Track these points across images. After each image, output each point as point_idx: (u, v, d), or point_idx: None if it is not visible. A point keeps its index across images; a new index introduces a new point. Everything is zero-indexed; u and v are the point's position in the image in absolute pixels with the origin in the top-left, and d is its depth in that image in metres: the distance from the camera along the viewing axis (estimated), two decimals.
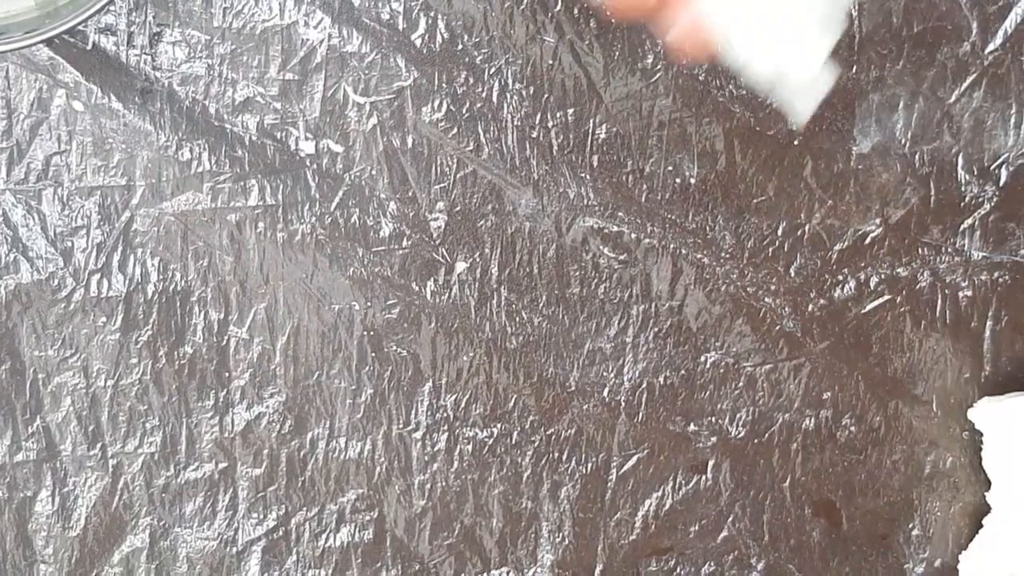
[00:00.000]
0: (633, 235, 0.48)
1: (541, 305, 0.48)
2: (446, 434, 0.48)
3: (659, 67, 0.48)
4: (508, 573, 0.49)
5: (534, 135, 0.48)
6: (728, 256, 0.49)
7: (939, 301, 0.49)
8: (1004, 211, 0.49)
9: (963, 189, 0.49)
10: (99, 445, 0.47)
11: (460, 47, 0.47)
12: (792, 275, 0.49)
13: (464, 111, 0.48)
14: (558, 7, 0.47)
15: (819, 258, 0.49)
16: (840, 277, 0.49)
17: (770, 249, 0.49)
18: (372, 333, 0.48)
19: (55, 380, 0.47)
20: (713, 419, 0.49)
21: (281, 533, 0.48)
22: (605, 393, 0.49)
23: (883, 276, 0.49)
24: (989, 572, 0.48)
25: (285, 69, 0.47)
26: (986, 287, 0.49)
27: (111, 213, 0.47)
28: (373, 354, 0.48)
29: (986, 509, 0.49)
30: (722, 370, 0.49)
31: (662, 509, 0.49)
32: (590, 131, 0.48)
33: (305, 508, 0.48)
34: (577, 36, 0.48)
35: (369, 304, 0.48)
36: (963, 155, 0.48)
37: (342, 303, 0.48)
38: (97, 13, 0.41)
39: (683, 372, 0.49)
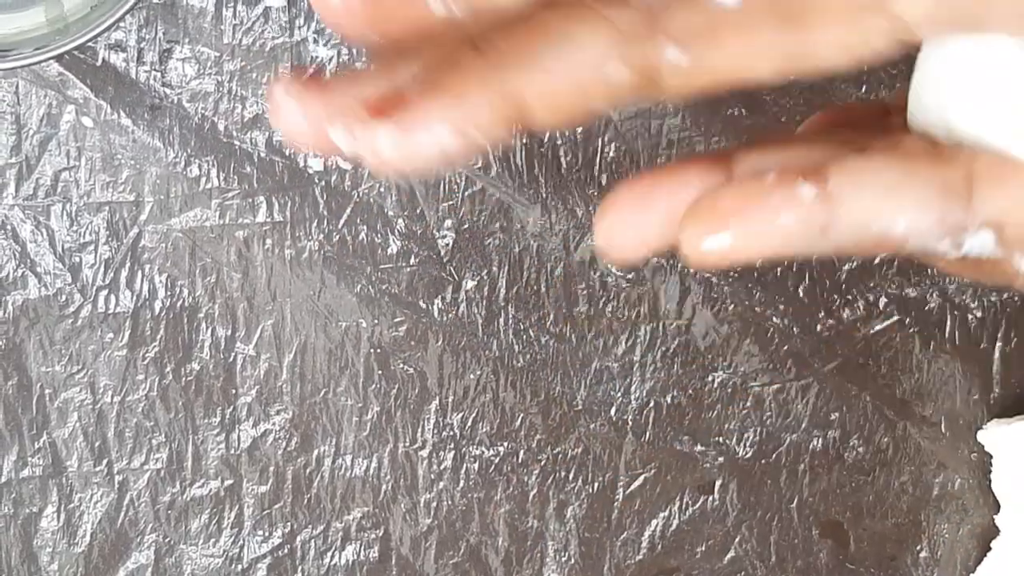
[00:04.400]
0: None
1: (548, 324, 0.48)
2: (452, 452, 0.48)
3: None
4: None
5: (543, 153, 0.48)
6: (736, 275, 0.48)
7: (948, 322, 0.49)
8: None
9: None
10: (105, 461, 0.47)
11: None
12: (800, 295, 0.49)
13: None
14: None
15: (828, 278, 0.49)
16: (849, 297, 0.49)
17: (778, 269, 0.48)
18: (379, 351, 0.48)
19: (62, 396, 0.47)
20: (720, 439, 0.49)
21: (287, 551, 0.48)
22: (612, 412, 0.49)
23: (892, 297, 0.49)
24: None
25: None
26: (996, 308, 0.49)
27: (119, 229, 0.47)
28: (380, 372, 0.48)
29: (995, 532, 0.48)
30: (729, 390, 0.49)
31: (669, 529, 0.49)
32: (599, 149, 0.48)
33: (311, 526, 0.48)
34: None
35: (376, 321, 0.48)
36: None
37: (349, 320, 0.48)
38: (107, 30, 0.41)
39: (690, 392, 0.49)
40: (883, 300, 0.49)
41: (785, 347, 0.49)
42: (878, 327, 0.49)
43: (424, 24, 0.26)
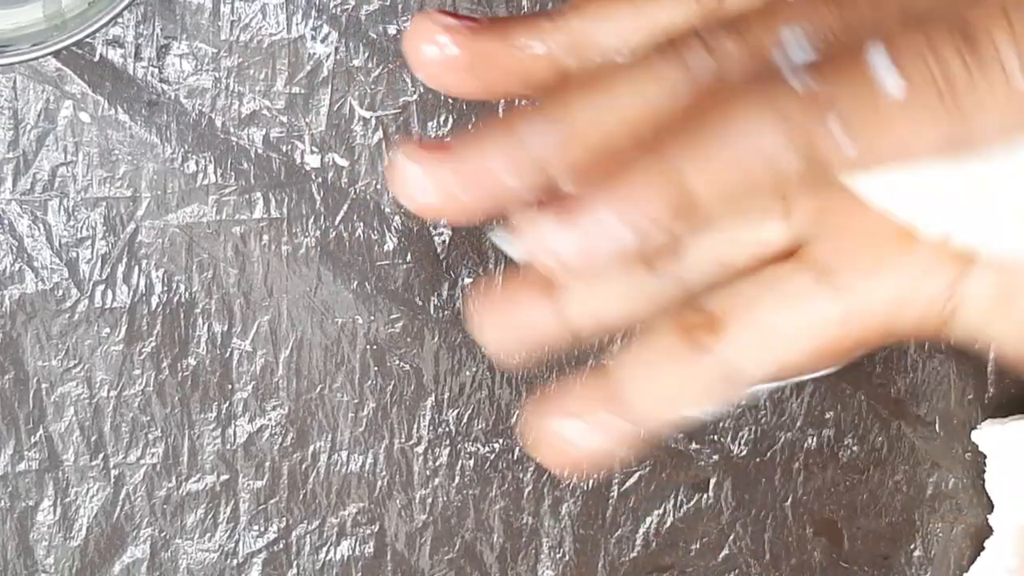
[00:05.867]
0: None
1: None
2: (448, 449, 0.48)
3: None
4: None
5: None
6: None
7: None
8: None
9: None
10: (101, 455, 0.47)
11: None
12: None
13: (470, 126, 0.48)
14: None
15: None
16: None
17: None
18: (375, 347, 0.48)
19: (58, 390, 0.47)
20: (715, 437, 0.49)
21: (282, 546, 0.48)
22: None
23: None
24: None
25: (292, 83, 0.47)
26: None
27: (116, 224, 0.47)
28: (376, 368, 0.48)
29: (989, 531, 0.49)
30: None
31: (663, 526, 0.49)
32: None
33: (306, 521, 0.48)
34: None
35: (372, 318, 0.48)
36: None
37: (345, 317, 0.48)
38: (105, 26, 0.42)
39: None
40: None
41: None
42: None
43: (527, 74, 0.27)
